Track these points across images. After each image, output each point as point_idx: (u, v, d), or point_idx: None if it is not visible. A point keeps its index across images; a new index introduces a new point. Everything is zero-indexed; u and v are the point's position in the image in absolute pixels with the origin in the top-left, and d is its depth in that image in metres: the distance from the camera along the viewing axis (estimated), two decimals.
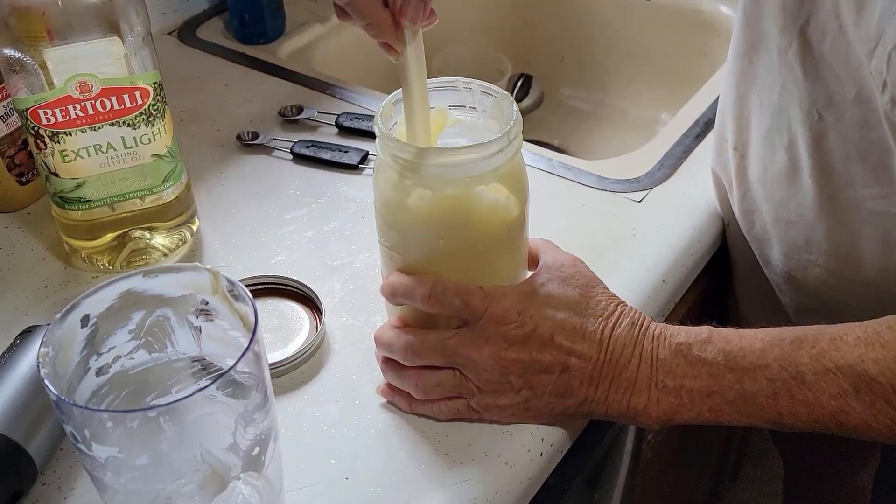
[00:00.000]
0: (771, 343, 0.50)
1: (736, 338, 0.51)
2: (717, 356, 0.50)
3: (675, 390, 0.51)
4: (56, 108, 0.58)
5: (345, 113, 0.81)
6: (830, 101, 0.56)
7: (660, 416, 0.51)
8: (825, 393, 0.48)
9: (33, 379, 0.52)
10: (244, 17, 0.94)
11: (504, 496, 0.52)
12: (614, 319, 0.53)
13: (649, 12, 1.11)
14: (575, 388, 0.52)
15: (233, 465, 0.42)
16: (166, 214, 0.66)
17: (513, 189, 0.53)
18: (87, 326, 0.43)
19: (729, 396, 0.50)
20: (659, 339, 0.52)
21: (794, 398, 0.49)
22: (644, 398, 0.51)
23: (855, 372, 0.48)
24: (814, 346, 0.49)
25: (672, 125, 0.81)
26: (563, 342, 0.51)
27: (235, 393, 0.42)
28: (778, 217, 0.65)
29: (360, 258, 0.67)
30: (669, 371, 0.51)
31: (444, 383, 0.53)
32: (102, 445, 0.39)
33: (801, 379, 0.49)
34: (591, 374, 0.52)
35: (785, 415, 0.49)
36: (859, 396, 0.48)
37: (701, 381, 0.50)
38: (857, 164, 0.57)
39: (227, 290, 0.44)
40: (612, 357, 0.52)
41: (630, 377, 0.51)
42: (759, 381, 0.49)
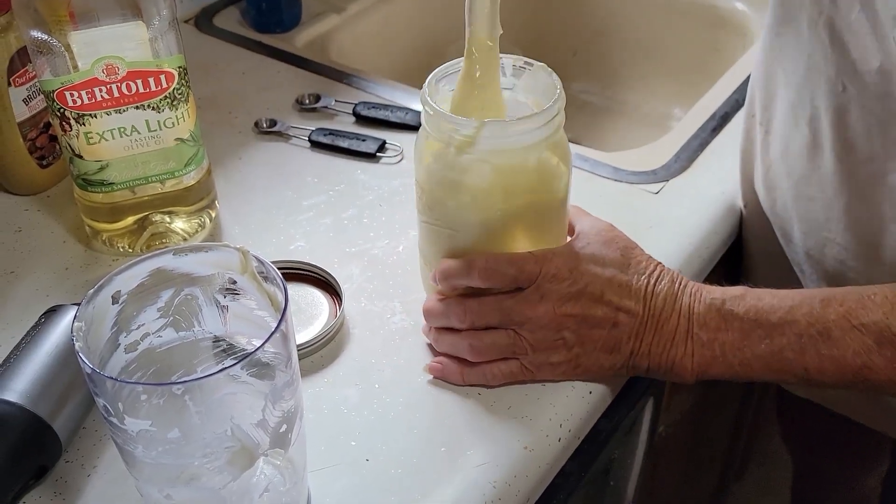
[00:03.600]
0: (801, 301, 0.53)
1: (768, 296, 0.54)
2: (748, 311, 0.53)
3: (708, 343, 0.53)
4: (83, 91, 0.58)
5: (362, 102, 0.82)
6: (855, 72, 0.56)
7: (694, 369, 0.54)
8: (850, 349, 0.51)
9: (59, 357, 0.52)
10: (261, 6, 0.94)
11: (523, 480, 0.52)
12: (655, 276, 0.56)
13: (663, 7, 1.11)
14: (623, 343, 0.55)
15: (261, 442, 0.42)
16: (187, 199, 0.66)
17: (561, 156, 0.55)
18: (117, 303, 0.44)
19: (758, 350, 0.52)
20: (695, 294, 0.55)
21: (820, 353, 0.51)
22: (681, 350, 0.54)
23: (878, 328, 0.50)
24: (842, 305, 0.51)
25: (688, 118, 0.82)
26: (612, 298, 0.54)
27: (260, 373, 0.42)
28: (798, 193, 0.65)
29: (379, 245, 0.68)
30: (703, 324, 0.54)
31: (499, 342, 0.55)
32: (135, 419, 0.39)
33: (828, 335, 0.51)
34: (637, 329, 0.55)
35: (811, 370, 0.52)
36: (882, 352, 0.50)
37: (732, 334, 0.53)
38: (878, 137, 0.57)
39: (256, 270, 0.45)
40: (655, 312, 0.55)
41: (670, 330, 0.54)
42: (787, 336, 0.52)
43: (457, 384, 0.57)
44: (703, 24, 1.08)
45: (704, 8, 1.07)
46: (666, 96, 1.14)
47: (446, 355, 0.58)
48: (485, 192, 0.54)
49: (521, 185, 0.54)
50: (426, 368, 0.58)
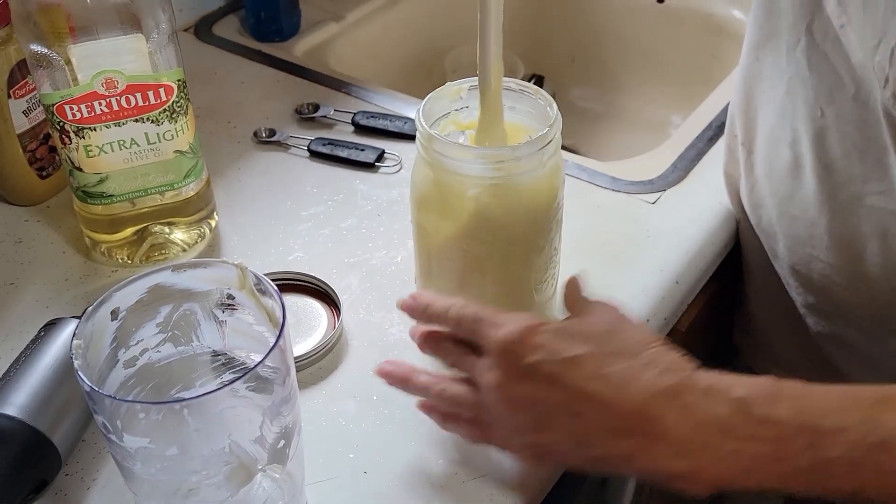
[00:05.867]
0: (851, 402, 0.43)
1: (808, 395, 0.44)
2: (786, 415, 0.43)
3: (732, 454, 0.43)
4: (82, 104, 0.59)
5: (361, 111, 0.82)
6: (832, 99, 0.57)
7: (711, 483, 0.43)
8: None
9: (58, 370, 0.52)
10: (260, 15, 0.95)
11: (521, 492, 0.52)
12: (644, 360, 0.45)
13: (661, 15, 1.12)
14: (593, 439, 0.45)
15: (259, 458, 0.43)
16: (186, 210, 0.67)
17: (556, 180, 0.56)
18: (116, 319, 0.44)
19: (800, 464, 0.42)
20: (711, 391, 0.44)
21: (879, 469, 0.42)
22: (690, 461, 0.43)
23: None
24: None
25: (685, 128, 0.82)
26: (571, 381, 0.45)
27: (259, 388, 0.43)
28: (782, 212, 0.66)
29: (377, 255, 0.68)
30: (727, 431, 0.43)
31: (465, 399, 0.50)
32: (133, 436, 0.40)
33: (888, 446, 0.41)
34: (610, 425, 0.44)
35: (867, 487, 0.42)
36: None
37: (767, 444, 0.43)
38: (856, 161, 0.58)
39: (254, 286, 0.45)
40: (640, 408, 0.44)
41: (667, 434, 0.43)
42: (839, 447, 0.42)
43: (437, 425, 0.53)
44: (701, 31, 1.08)
45: (702, 15, 1.08)
46: (664, 103, 1.15)
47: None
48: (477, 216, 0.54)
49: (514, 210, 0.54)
50: (418, 404, 0.53)
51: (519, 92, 0.57)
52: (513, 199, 0.54)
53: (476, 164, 0.53)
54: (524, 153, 0.53)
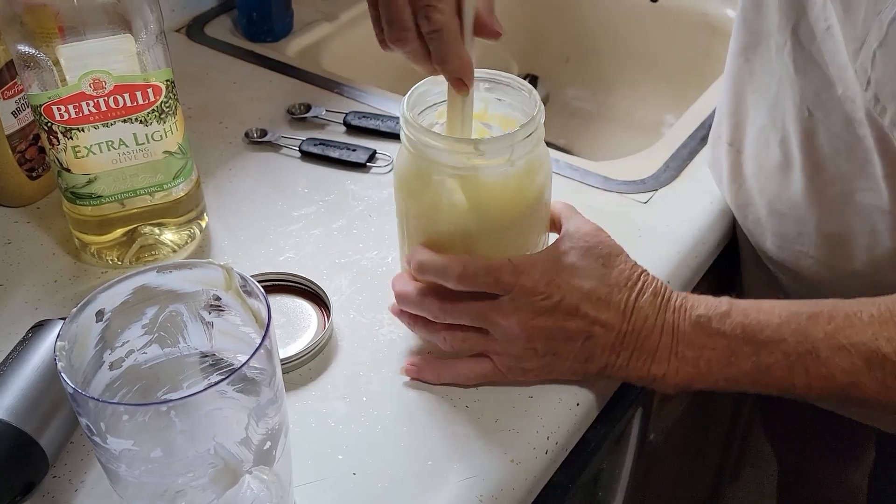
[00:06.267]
0: (788, 318, 0.52)
1: (754, 311, 0.53)
2: (735, 329, 0.53)
3: (692, 360, 0.53)
4: (70, 105, 0.58)
5: (353, 111, 0.82)
6: (819, 99, 0.57)
7: (678, 384, 0.54)
8: (838, 368, 0.50)
9: (45, 372, 0.52)
10: (252, 15, 0.94)
11: (509, 493, 0.52)
12: (637, 289, 0.55)
13: (655, 14, 1.11)
14: (598, 355, 0.54)
15: (245, 460, 0.42)
16: (176, 211, 0.66)
17: (541, 169, 0.55)
18: (101, 321, 0.44)
19: (745, 368, 0.52)
20: (679, 310, 0.54)
21: (808, 372, 0.51)
22: (664, 366, 0.54)
23: (868, 349, 0.50)
24: (829, 322, 0.51)
25: (677, 127, 0.82)
26: (588, 311, 0.54)
27: (246, 389, 0.42)
28: (772, 210, 0.66)
29: (368, 256, 0.68)
30: (689, 342, 0.53)
31: (470, 340, 0.56)
32: (117, 438, 0.39)
33: (816, 354, 0.51)
34: (613, 342, 0.54)
35: (799, 386, 0.52)
36: (871, 373, 0.50)
37: (719, 352, 0.53)
38: (844, 160, 0.59)
39: (240, 287, 0.45)
40: (635, 327, 0.54)
41: (651, 346, 0.54)
42: (775, 355, 0.52)
43: (431, 384, 0.57)
44: (695, 30, 1.08)
45: (695, 15, 1.08)
46: (658, 103, 1.14)
47: (420, 355, 0.59)
48: (460, 207, 0.54)
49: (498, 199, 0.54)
50: (402, 370, 0.58)
51: (506, 86, 0.57)
52: (472, 191, 0.54)
53: (439, 152, 0.53)
54: (487, 148, 0.53)
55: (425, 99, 0.57)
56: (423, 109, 0.58)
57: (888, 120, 0.52)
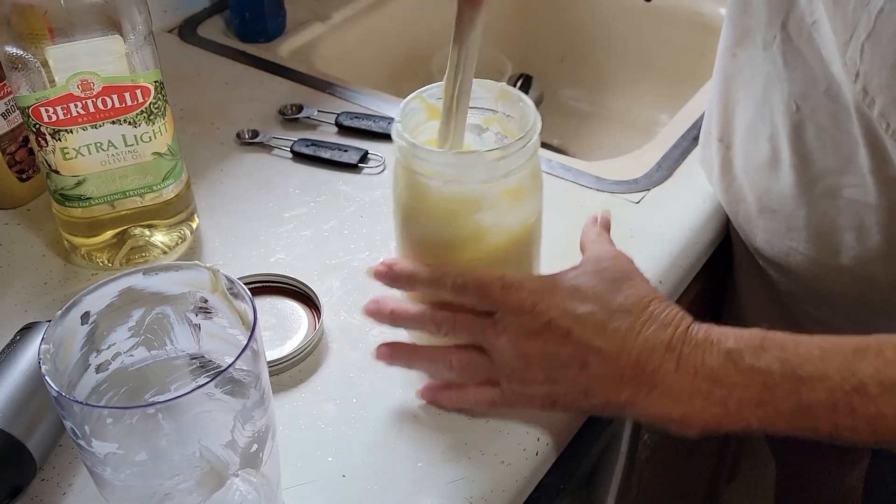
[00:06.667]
0: (831, 351, 0.47)
1: (792, 345, 0.48)
2: (771, 364, 0.47)
3: (721, 400, 0.47)
4: (58, 106, 0.58)
5: (345, 112, 0.82)
6: (806, 94, 0.57)
7: (703, 427, 0.48)
8: (890, 406, 0.45)
9: (33, 375, 0.52)
10: (245, 16, 0.94)
11: (500, 495, 0.52)
12: (645, 317, 0.49)
13: (649, 14, 1.11)
14: (596, 389, 0.50)
15: (231, 462, 0.42)
16: (166, 212, 0.66)
17: (534, 187, 0.54)
18: (87, 323, 0.43)
19: (783, 407, 0.47)
20: (704, 343, 0.48)
21: (854, 411, 0.46)
22: (684, 407, 0.48)
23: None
24: (878, 357, 0.46)
25: (670, 127, 0.82)
26: (581, 336, 0.49)
27: (234, 391, 0.42)
28: (762, 206, 0.66)
29: (359, 257, 0.67)
30: (717, 380, 0.47)
31: (476, 362, 0.53)
32: (102, 441, 0.39)
33: (864, 391, 0.45)
34: (612, 375, 0.49)
35: (843, 427, 0.46)
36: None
37: (752, 391, 0.47)
38: (832, 154, 0.58)
39: (226, 289, 0.45)
40: (640, 360, 0.48)
41: (663, 383, 0.48)
42: (818, 393, 0.46)
43: (446, 408, 0.56)
44: (689, 30, 1.08)
45: (689, 14, 1.08)
46: (653, 102, 1.14)
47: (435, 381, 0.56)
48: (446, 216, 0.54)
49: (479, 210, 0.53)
50: (418, 394, 0.56)
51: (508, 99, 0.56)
52: (462, 204, 0.53)
53: (420, 160, 0.52)
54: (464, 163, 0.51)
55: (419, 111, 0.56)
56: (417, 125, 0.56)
57: (877, 112, 0.52)
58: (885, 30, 0.48)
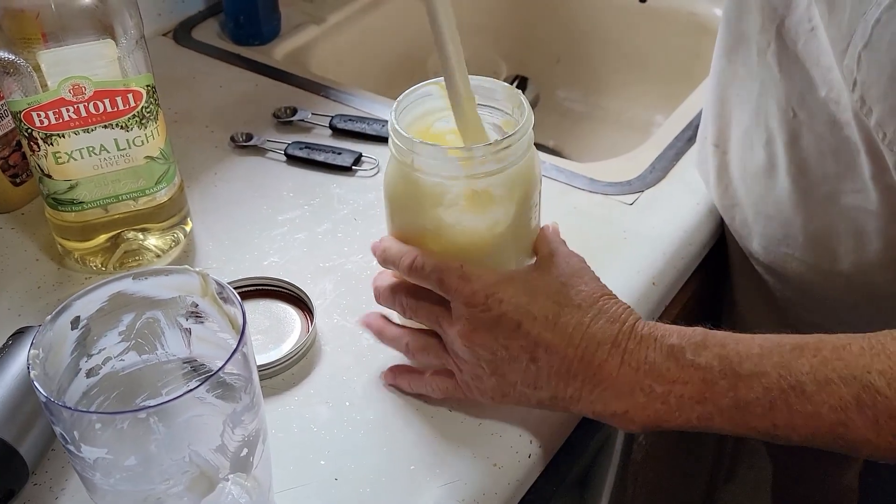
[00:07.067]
0: (770, 349, 0.47)
1: (732, 342, 0.48)
2: (711, 361, 0.47)
3: (662, 396, 0.48)
4: (49, 111, 0.58)
5: (339, 115, 0.82)
6: (804, 100, 0.57)
7: (644, 422, 0.49)
8: (825, 405, 0.45)
9: (25, 380, 0.52)
10: (239, 19, 0.94)
11: (492, 497, 0.52)
12: (593, 313, 0.50)
13: (644, 15, 1.11)
14: (543, 381, 0.50)
15: (221, 467, 0.42)
16: (159, 216, 0.66)
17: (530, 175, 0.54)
18: (77, 328, 0.43)
19: (721, 404, 0.47)
20: (647, 339, 0.49)
21: (791, 409, 0.46)
22: (626, 402, 0.48)
23: (860, 384, 0.44)
24: (815, 355, 0.46)
25: (665, 128, 0.82)
26: (530, 330, 0.49)
27: (224, 394, 0.42)
28: (758, 212, 0.66)
29: (353, 260, 0.67)
30: (659, 376, 0.48)
31: (430, 347, 0.54)
32: (91, 447, 0.39)
33: (801, 389, 0.45)
34: (559, 369, 0.49)
35: (780, 426, 0.46)
36: (862, 410, 0.44)
37: (692, 387, 0.47)
38: (830, 161, 0.58)
39: (216, 293, 0.45)
40: (586, 354, 0.49)
41: (607, 378, 0.49)
42: (755, 390, 0.46)
43: (404, 392, 0.57)
44: (684, 31, 1.08)
45: (684, 15, 1.08)
46: (648, 103, 1.14)
47: (399, 365, 0.58)
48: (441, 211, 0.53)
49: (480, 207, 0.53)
50: (381, 375, 0.58)
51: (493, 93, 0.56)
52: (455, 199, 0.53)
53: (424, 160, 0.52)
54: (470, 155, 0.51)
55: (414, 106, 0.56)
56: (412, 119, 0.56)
57: (874, 121, 0.52)
58: (882, 40, 0.48)
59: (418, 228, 0.54)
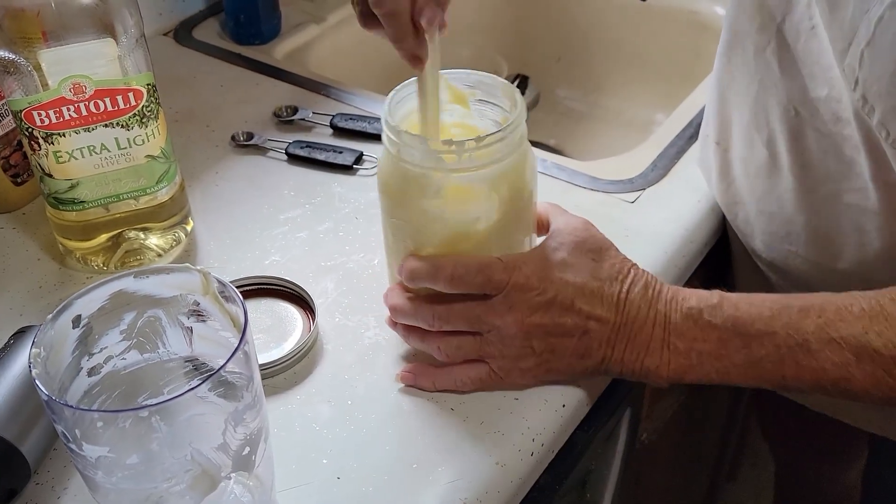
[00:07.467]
0: (779, 310, 0.52)
1: (745, 304, 0.53)
2: (726, 321, 0.53)
3: (685, 352, 0.53)
4: (50, 110, 0.58)
5: (339, 113, 0.82)
6: (805, 99, 0.57)
7: (670, 376, 0.54)
8: (829, 361, 0.51)
9: (27, 379, 0.52)
10: (240, 18, 0.94)
11: (494, 496, 0.52)
12: (629, 282, 0.55)
13: (645, 13, 1.11)
14: (594, 350, 0.54)
15: (223, 465, 0.42)
16: (160, 215, 0.66)
17: (525, 168, 0.55)
18: (78, 327, 0.43)
19: (736, 360, 0.52)
20: (671, 302, 0.54)
21: (798, 364, 0.51)
22: (656, 359, 0.54)
23: (859, 343, 0.50)
24: (820, 316, 0.51)
25: (666, 126, 0.82)
26: (583, 307, 0.54)
27: (226, 393, 0.42)
28: (760, 210, 0.66)
29: (354, 258, 0.67)
30: (681, 334, 0.53)
31: (465, 346, 0.55)
32: (93, 445, 0.39)
33: (807, 347, 0.51)
34: (608, 336, 0.54)
35: (789, 378, 0.52)
36: (861, 366, 0.50)
37: (710, 344, 0.53)
38: (832, 160, 0.58)
39: (217, 291, 0.45)
40: (628, 319, 0.54)
41: (644, 338, 0.54)
42: (766, 347, 0.52)
43: (428, 391, 0.57)
44: (685, 29, 1.08)
45: (685, 13, 1.07)
46: (649, 101, 1.14)
47: (416, 363, 0.58)
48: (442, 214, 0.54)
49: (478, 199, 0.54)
50: (398, 377, 0.58)
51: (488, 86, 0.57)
52: (453, 193, 0.53)
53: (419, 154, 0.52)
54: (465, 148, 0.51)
55: (404, 104, 0.57)
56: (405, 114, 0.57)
57: (876, 120, 0.51)
58: (885, 38, 0.48)
59: (405, 219, 0.55)
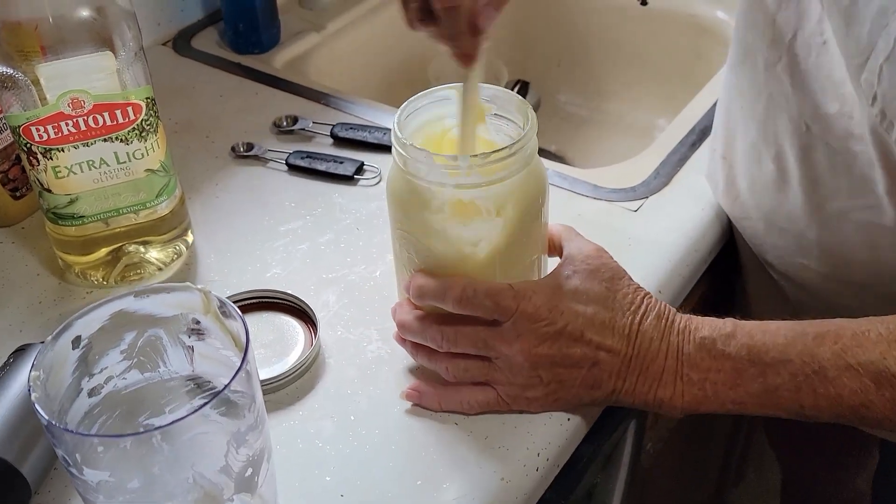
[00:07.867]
0: (794, 338, 0.51)
1: (759, 332, 0.52)
2: (740, 351, 0.52)
3: (699, 383, 0.52)
4: (48, 125, 0.58)
5: (340, 123, 0.81)
6: (816, 114, 0.57)
7: (684, 407, 0.53)
8: (846, 388, 0.49)
9: (26, 399, 0.51)
10: (239, 27, 0.94)
11: None
12: (641, 312, 0.54)
13: (645, 17, 1.11)
14: (604, 381, 0.53)
15: (225, 487, 0.42)
16: (160, 228, 0.66)
17: (536, 185, 0.54)
18: (78, 347, 0.43)
19: (752, 390, 0.51)
20: (684, 332, 0.53)
21: (816, 392, 0.50)
22: (670, 390, 0.53)
23: (877, 369, 0.49)
24: (836, 342, 0.50)
25: (668, 133, 0.81)
26: (593, 337, 0.53)
27: (229, 412, 0.42)
28: (770, 224, 0.66)
29: (356, 270, 0.67)
30: (694, 365, 0.52)
31: (473, 369, 0.55)
32: (94, 469, 0.39)
33: (823, 374, 0.50)
34: (619, 368, 0.53)
35: (807, 407, 0.51)
36: (880, 392, 0.49)
37: (724, 374, 0.52)
38: (843, 176, 0.58)
39: (218, 310, 0.44)
40: (640, 351, 0.53)
41: (657, 370, 0.53)
42: (782, 376, 0.51)
43: (434, 411, 0.56)
44: (685, 32, 1.08)
45: (686, 17, 1.07)
46: (650, 106, 1.14)
47: (423, 381, 0.57)
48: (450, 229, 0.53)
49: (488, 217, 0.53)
50: (403, 395, 0.57)
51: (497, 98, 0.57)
52: (463, 210, 0.53)
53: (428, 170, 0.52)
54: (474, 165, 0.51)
55: (417, 115, 0.56)
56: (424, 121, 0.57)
57: (895, 136, 0.51)
58: None
59: (409, 230, 0.55)
